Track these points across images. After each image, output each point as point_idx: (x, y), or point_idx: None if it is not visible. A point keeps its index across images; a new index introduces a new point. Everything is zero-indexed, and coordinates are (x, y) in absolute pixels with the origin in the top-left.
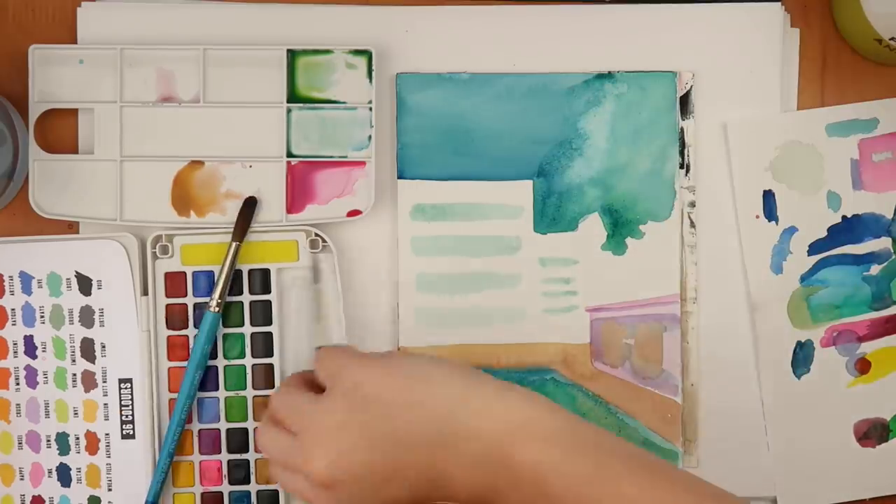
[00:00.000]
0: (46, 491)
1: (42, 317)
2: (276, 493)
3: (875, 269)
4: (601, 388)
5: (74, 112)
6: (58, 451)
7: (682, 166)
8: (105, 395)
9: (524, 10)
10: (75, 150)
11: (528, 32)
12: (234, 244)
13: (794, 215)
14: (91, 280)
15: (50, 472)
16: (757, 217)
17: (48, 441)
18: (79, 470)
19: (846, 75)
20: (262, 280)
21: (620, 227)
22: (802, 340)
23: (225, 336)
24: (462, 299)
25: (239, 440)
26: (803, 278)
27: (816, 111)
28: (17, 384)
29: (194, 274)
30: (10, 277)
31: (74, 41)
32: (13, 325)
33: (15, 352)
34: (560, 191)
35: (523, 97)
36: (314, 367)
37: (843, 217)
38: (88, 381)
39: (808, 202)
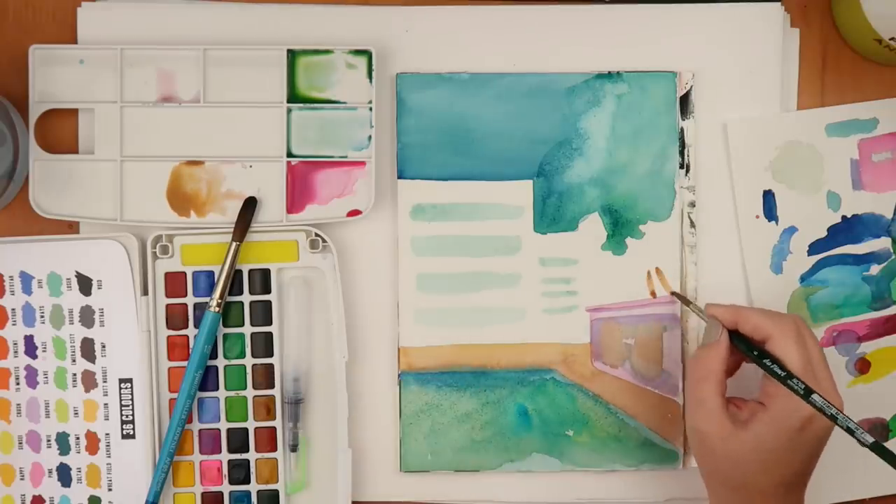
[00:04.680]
0: (47, 491)
1: (42, 317)
2: (276, 493)
3: (875, 269)
4: (601, 388)
5: (74, 112)
6: (58, 451)
7: (682, 166)
8: (105, 395)
9: (524, 10)
10: (75, 150)
11: (528, 32)
12: (234, 244)
13: (793, 215)
14: (91, 280)
15: (50, 472)
16: (757, 217)
17: (48, 441)
18: (79, 470)
19: (846, 75)
20: (262, 280)
21: (620, 227)
22: None
23: (225, 336)
24: (462, 299)
25: (239, 440)
26: (803, 278)
27: (816, 111)
28: (18, 384)
29: (194, 274)
30: (10, 277)
31: (74, 41)
32: (13, 325)
33: (15, 352)
34: (560, 191)
35: (523, 97)
36: None
37: (843, 217)
38: (88, 381)
39: (808, 202)
